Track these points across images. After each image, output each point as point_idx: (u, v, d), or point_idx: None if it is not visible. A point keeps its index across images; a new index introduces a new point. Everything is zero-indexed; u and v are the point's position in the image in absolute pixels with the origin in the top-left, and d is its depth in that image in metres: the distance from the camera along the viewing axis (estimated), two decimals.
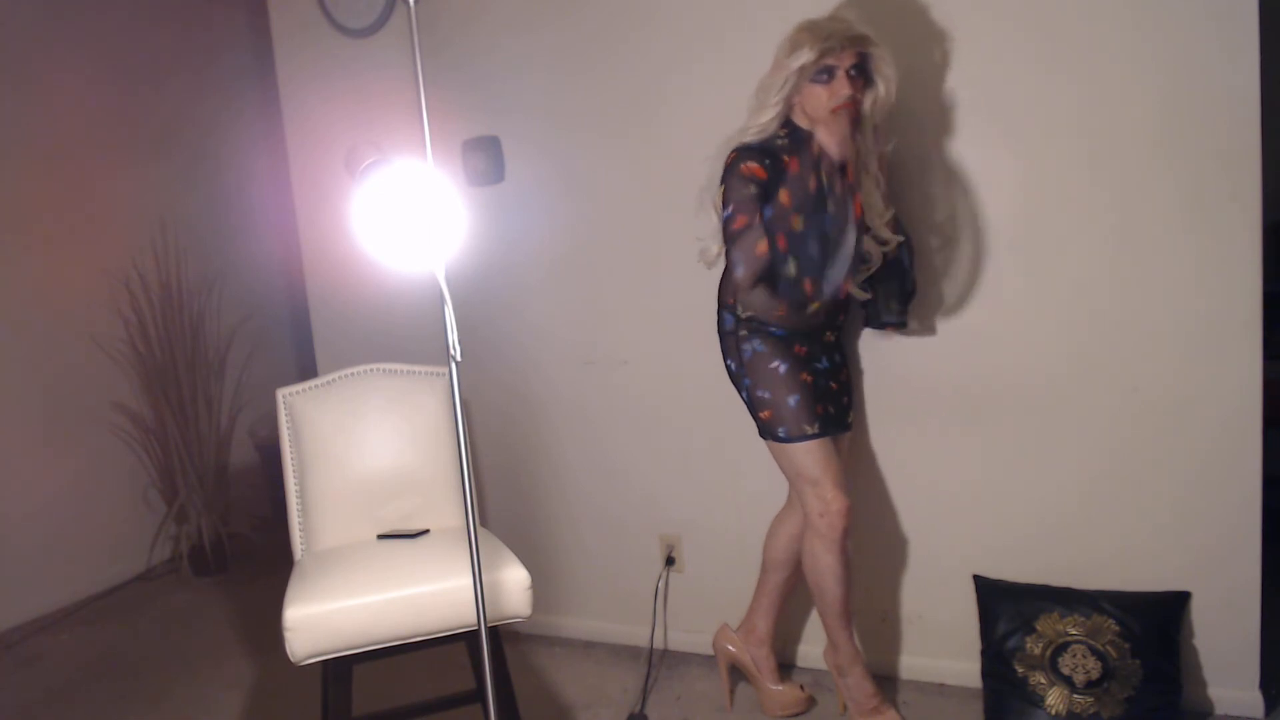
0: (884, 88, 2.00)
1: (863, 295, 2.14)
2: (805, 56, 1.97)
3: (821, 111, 1.97)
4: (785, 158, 2.02)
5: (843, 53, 1.96)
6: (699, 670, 2.62)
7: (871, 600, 2.47)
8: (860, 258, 2.09)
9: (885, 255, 2.12)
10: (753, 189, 2.01)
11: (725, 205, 2.05)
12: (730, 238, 2.04)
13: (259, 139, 4.29)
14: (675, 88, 2.49)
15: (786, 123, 2.07)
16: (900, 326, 2.22)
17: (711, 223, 2.15)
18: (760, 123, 2.04)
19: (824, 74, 1.97)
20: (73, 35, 3.58)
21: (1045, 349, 2.22)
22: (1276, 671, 2.18)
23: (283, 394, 2.24)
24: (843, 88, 1.96)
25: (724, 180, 2.06)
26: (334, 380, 2.25)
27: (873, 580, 2.46)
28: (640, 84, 2.54)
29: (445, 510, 2.22)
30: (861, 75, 1.99)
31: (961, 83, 2.20)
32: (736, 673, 2.47)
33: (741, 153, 2.04)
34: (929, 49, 2.22)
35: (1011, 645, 2.18)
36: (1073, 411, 2.22)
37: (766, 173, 2.01)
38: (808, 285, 1.95)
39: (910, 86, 2.23)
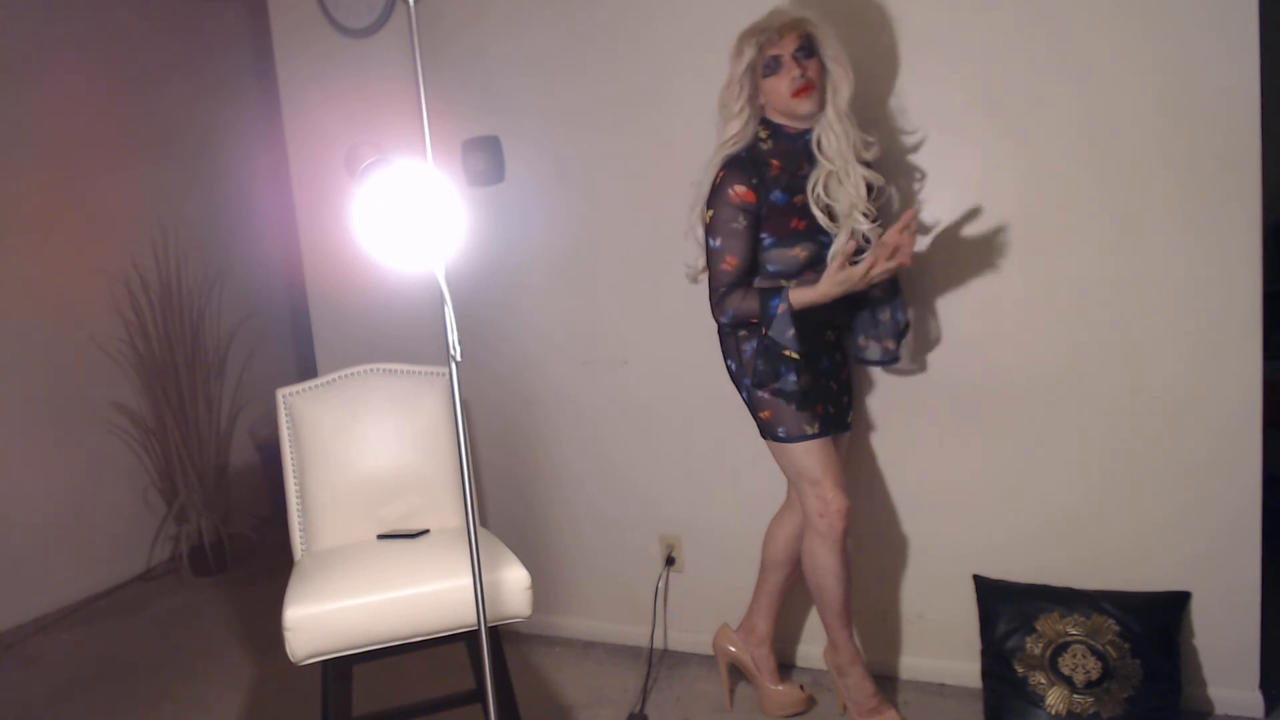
0: (834, 68, 1.99)
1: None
2: (749, 55, 1.99)
3: (783, 101, 1.99)
4: (771, 161, 2.04)
5: (783, 40, 1.97)
6: (699, 670, 2.62)
7: (871, 600, 2.47)
8: (859, 247, 2.09)
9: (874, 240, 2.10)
10: (742, 222, 2.02)
11: (713, 234, 2.05)
12: (717, 279, 2.06)
13: (259, 139, 4.29)
14: (676, 87, 2.49)
15: (766, 123, 2.07)
16: (891, 363, 2.22)
17: (698, 238, 2.15)
18: (731, 135, 2.05)
19: (772, 64, 1.98)
20: (73, 35, 3.59)
21: (1045, 349, 2.22)
22: (1276, 671, 2.18)
23: (283, 394, 2.24)
24: (791, 70, 1.97)
25: (712, 203, 2.05)
26: (334, 380, 2.25)
27: (873, 580, 2.46)
28: (641, 83, 2.54)
29: (445, 510, 2.22)
30: (813, 56, 1.99)
31: (960, 82, 2.20)
32: (736, 672, 2.47)
33: (730, 170, 2.04)
34: (928, 48, 2.22)
35: (1011, 645, 2.18)
36: (1073, 411, 2.22)
37: (756, 194, 2.02)
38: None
39: (909, 86, 2.24)
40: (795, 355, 1.99)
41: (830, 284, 1.97)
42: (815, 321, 2.14)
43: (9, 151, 3.39)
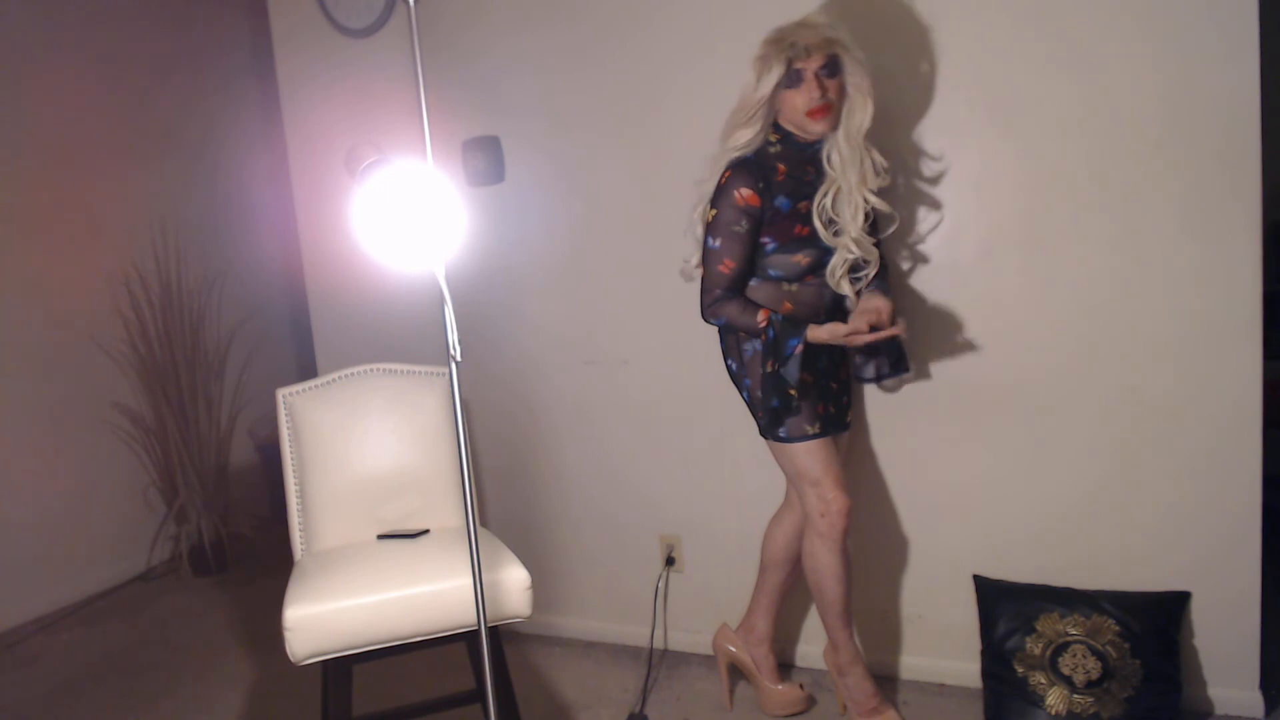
0: (855, 95, 1.98)
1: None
2: (775, 73, 1.97)
3: (797, 116, 1.99)
4: (778, 165, 2.04)
5: (809, 58, 1.95)
6: (699, 670, 2.62)
7: (871, 600, 2.47)
8: (857, 263, 2.09)
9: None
10: (744, 225, 2.03)
11: (713, 234, 2.05)
12: (712, 279, 2.06)
13: (259, 139, 4.29)
14: (676, 87, 2.49)
15: (776, 128, 2.06)
16: (878, 381, 2.25)
17: (696, 236, 2.15)
18: (743, 141, 2.04)
19: (794, 78, 1.97)
20: (73, 35, 3.58)
21: (1045, 349, 2.22)
22: (1276, 671, 2.18)
23: (283, 394, 2.24)
24: (813, 90, 1.95)
25: (715, 202, 2.06)
26: (334, 380, 2.25)
27: (873, 580, 2.46)
28: (641, 83, 2.54)
29: (445, 510, 2.22)
30: (836, 75, 1.97)
31: (961, 82, 2.20)
32: (736, 672, 2.47)
33: (737, 172, 2.03)
34: (927, 49, 2.22)
35: (1011, 645, 2.18)
36: (1073, 411, 2.22)
37: (760, 199, 2.02)
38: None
39: (909, 87, 2.24)
40: (795, 393, 2.04)
41: (830, 336, 2.01)
42: (817, 324, 2.14)
43: (9, 151, 3.39)
